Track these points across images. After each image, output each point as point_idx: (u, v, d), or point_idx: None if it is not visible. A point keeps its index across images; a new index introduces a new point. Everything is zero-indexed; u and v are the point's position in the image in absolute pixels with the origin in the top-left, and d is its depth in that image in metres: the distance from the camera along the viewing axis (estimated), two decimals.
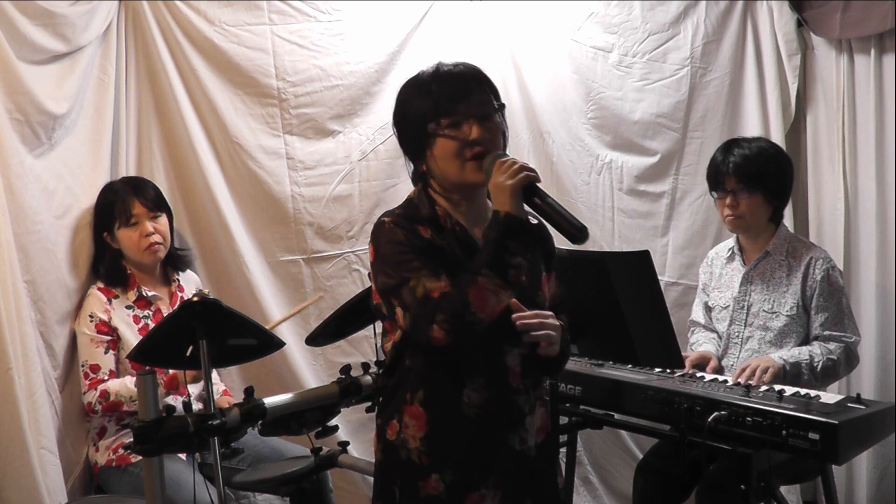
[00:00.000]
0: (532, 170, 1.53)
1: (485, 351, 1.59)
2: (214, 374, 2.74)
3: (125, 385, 2.43)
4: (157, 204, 2.60)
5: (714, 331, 2.71)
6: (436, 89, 1.59)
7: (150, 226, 2.55)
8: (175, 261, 2.70)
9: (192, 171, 2.88)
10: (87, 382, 2.45)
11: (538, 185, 1.54)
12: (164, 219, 2.61)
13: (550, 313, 1.57)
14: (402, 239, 1.56)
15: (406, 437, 1.61)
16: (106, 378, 2.46)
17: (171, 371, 2.42)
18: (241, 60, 2.90)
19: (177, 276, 2.70)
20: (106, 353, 2.48)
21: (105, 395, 2.42)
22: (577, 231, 1.49)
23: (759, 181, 2.46)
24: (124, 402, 2.42)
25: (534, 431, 1.65)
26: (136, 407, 2.36)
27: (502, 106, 1.64)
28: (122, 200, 2.55)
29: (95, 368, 2.46)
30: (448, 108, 1.57)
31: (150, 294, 2.58)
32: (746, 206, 2.48)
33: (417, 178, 1.69)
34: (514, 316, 1.50)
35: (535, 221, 1.66)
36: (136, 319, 2.55)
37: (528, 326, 1.51)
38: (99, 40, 2.68)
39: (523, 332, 1.51)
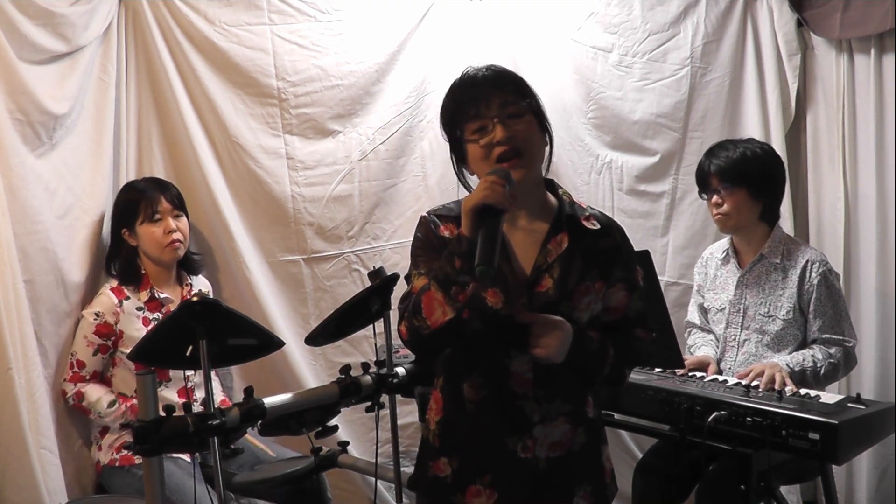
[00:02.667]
0: (498, 192, 1.46)
1: (482, 351, 1.61)
2: (216, 382, 2.76)
3: (100, 401, 2.48)
4: (180, 205, 2.66)
5: (710, 332, 2.71)
6: (459, 96, 1.61)
7: (173, 223, 2.59)
8: (189, 264, 2.74)
9: (192, 171, 2.88)
10: (71, 373, 2.50)
11: (499, 209, 1.47)
12: (184, 220, 2.66)
13: (559, 319, 1.55)
14: (420, 235, 1.65)
15: (429, 418, 1.71)
16: (87, 378, 2.50)
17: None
18: (241, 60, 2.90)
19: (189, 281, 2.72)
20: (94, 354, 2.51)
21: (80, 396, 2.49)
22: (478, 268, 1.42)
23: (739, 178, 2.47)
24: (92, 412, 2.49)
25: (546, 444, 1.62)
26: (100, 421, 2.50)
27: (531, 103, 1.61)
28: (147, 197, 2.59)
29: (81, 364, 2.50)
30: (471, 113, 1.58)
31: (162, 296, 2.60)
32: (731, 203, 2.49)
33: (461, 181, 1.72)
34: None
35: (596, 227, 1.64)
36: (146, 321, 2.56)
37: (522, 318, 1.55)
38: (99, 40, 2.68)
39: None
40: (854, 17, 2.94)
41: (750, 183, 2.47)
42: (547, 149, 1.66)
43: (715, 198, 2.52)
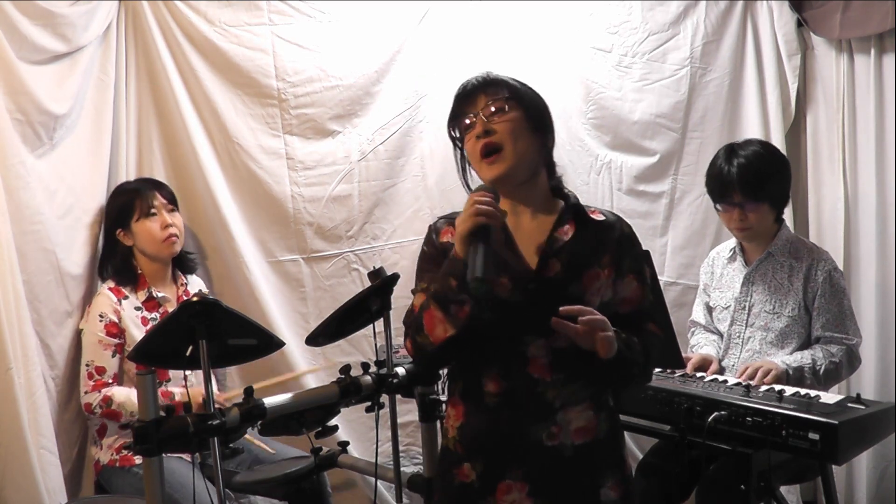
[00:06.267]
0: (486, 210, 1.48)
1: (499, 340, 1.60)
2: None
3: (130, 398, 2.43)
4: (174, 201, 2.67)
5: (715, 332, 2.71)
6: (455, 101, 1.68)
7: (168, 218, 2.60)
8: (184, 263, 2.74)
9: (192, 171, 2.88)
10: (91, 383, 2.45)
11: (490, 227, 1.48)
12: (178, 216, 2.67)
13: (595, 311, 1.53)
14: (425, 248, 1.69)
15: (448, 426, 1.70)
16: (110, 382, 2.46)
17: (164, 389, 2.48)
18: (241, 60, 2.90)
19: (184, 280, 2.72)
20: (113, 356, 2.48)
21: (108, 401, 2.43)
22: (471, 283, 1.43)
23: (763, 191, 2.44)
24: (124, 414, 2.43)
25: (571, 430, 1.60)
26: (133, 420, 2.39)
27: (513, 100, 1.61)
28: (142, 194, 2.60)
29: (101, 371, 2.46)
30: (459, 112, 1.65)
31: (159, 295, 2.60)
32: (755, 217, 2.46)
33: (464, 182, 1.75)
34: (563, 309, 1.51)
35: (601, 218, 1.68)
36: (145, 321, 2.55)
37: (563, 315, 1.50)
38: (99, 40, 2.68)
39: (557, 325, 1.51)
40: (854, 17, 2.94)
41: (772, 194, 2.46)
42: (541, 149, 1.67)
43: (737, 213, 2.47)
